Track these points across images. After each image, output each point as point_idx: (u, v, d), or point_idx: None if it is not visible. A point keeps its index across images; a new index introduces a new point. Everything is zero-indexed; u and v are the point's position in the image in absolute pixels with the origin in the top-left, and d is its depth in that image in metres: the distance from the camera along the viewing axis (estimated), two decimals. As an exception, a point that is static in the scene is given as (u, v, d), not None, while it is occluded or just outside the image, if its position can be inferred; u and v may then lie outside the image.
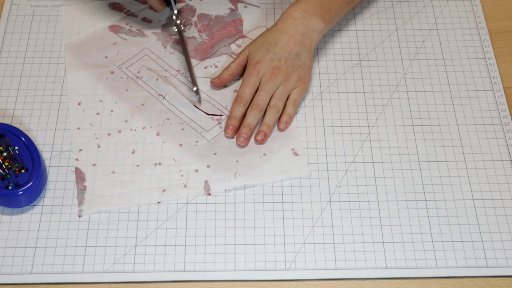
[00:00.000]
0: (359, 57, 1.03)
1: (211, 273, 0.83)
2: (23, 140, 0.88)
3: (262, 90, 0.94)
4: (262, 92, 0.94)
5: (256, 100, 0.94)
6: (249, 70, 0.95)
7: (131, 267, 0.83)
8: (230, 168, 0.90)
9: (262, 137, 0.92)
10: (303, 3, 0.97)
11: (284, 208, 0.88)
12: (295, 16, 0.96)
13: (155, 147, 0.92)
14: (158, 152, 0.92)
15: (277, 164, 0.91)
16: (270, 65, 0.95)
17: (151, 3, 1.00)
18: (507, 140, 0.94)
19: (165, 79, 0.98)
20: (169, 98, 0.97)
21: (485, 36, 1.05)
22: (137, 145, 0.93)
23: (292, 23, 0.96)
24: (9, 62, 1.01)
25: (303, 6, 0.97)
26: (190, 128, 0.94)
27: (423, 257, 0.84)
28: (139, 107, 0.96)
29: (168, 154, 0.92)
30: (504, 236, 0.86)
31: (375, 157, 0.93)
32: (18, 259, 0.84)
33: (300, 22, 0.96)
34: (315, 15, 0.97)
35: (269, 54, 0.95)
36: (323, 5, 0.97)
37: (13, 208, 0.87)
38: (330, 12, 0.98)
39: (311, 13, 0.96)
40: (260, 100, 0.94)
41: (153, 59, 1.01)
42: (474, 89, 0.99)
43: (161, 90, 0.97)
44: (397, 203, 0.89)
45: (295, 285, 0.83)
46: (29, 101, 0.97)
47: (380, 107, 0.97)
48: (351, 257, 0.84)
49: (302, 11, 0.97)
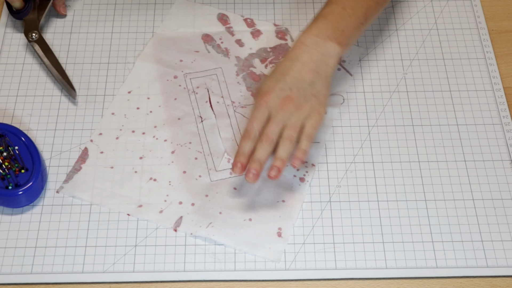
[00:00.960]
0: (359, 57, 1.03)
1: (211, 273, 0.83)
2: (23, 140, 0.88)
3: (272, 122, 0.84)
4: (272, 123, 0.84)
5: (266, 132, 0.84)
6: (257, 101, 0.86)
7: (131, 267, 0.83)
8: (209, 216, 0.86)
9: (276, 172, 0.83)
10: (315, 29, 0.89)
11: (284, 208, 0.88)
12: (308, 43, 0.88)
13: (161, 162, 0.91)
14: (161, 168, 0.90)
15: (253, 236, 0.85)
16: (280, 95, 0.85)
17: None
18: (507, 140, 0.94)
19: (216, 104, 0.96)
20: (205, 124, 0.94)
21: (485, 36, 1.05)
22: (148, 153, 0.92)
23: (304, 50, 0.87)
24: (9, 62, 1.01)
25: (315, 31, 0.88)
26: (203, 161, 0.91)
27: (423, 257, 0.84)
28: (174, 119, 0.95)
29: (168, 176, 0.90)
30: (504, 236, 0.86)
31: (375, 157, 0.93)
32: (18, 259, 0.84)
33: (314, 49, 0.87)
34: (328, 39, 0.88)
35: (279, 84, 0.86)
36: (336, 28, 0.89)
37: (13, 208, 0.87)
38: (344, 35, 0.89)
39: (325, 37, 0.88)
40: (271, 132, 0.84)
41: (219, 80, 0.99)
42: (474, 89, 0.99)
43: (204, 113, 0.95)
44: (397, 203, 0.89)
45: (295, 285, 0.83)
46: (29, 101, 0.97)
47: (380, 107, 0.97)
48: (351, 257, 0.84)
49: (315, 36, 0.88)
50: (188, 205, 0.87)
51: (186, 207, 0.87)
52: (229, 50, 1.02)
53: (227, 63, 1.01)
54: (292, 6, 1.08)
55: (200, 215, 0.87)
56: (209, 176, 0.90)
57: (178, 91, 0.98)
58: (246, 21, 1.06)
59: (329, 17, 0.90)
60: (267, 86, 0.86)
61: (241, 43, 1.03)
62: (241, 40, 1.04)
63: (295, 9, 1.08)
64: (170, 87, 0.98)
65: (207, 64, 1.01)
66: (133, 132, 0.94)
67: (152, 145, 0.93)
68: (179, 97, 0.97)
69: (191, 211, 0.87)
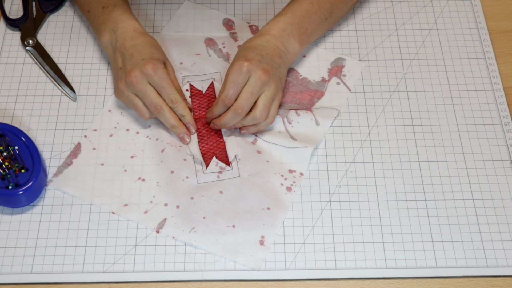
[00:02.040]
0: (359, 57, 1.03)
1: (211, 273, 0.83)
2: (23, 140, 0.88)
3: (250, 92, 0.88)
4: (250, 94, 0.88)
5: (241, 103, 0.88)
6: (237, 66, 0.88)
7: (131, 267, 0.83)
8: (193, 220, 0.86)
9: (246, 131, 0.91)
10: (281, 23, 0.94)
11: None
12: (274, 34, 0.93)
13: (152, 162, 0.91)
14: (151, 168, 0.90)
15: (236, 243, 0.84)
16: (259, 65, 0.88)
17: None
18: (507, 140, 0.94)
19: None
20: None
21: (485, 36, 1.05)
22: (140, 153, 0.92)
23: (271, 39, 0.92)
24: (9, 62, 1.01)
25: (281, 25, 0.94)
26: (192, 162, 0.90)
27: (423, 257, 0.84)
28: None
29: (156, 176, 0.89)
30: (504, 236, 0.86)
31: (375, 157, 0.93)
32: (18, 259, 0.84)
33: (279, 41, 0.93)
34: (292, 36, 0.94)
35: (257, 56, 0.89)
36: (301, 26, 0.95)
37: (13, 208, 0.87)
38: (306, 33, 0.95)
39: (289, 34, 0.94)
40: (246, 104, 0.88)
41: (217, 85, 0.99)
42: (474, 89, 1.00)
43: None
44: (397, 203, 0.89)
45: (295, 285, 0.83)
46: (29, 101, 0.97)
47: (380, 107, 0.97)
48: (351, 257, 0.84)
49: (281, 30, 0.93)
50: (173, 207, 0.87)
51: (171, 209, 0.87)
52: (230, 55, 1.02)
53: (226, 68, 1.00)
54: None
55: (184, 218, 0.86)
56: (196, 178, 0.89)
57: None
58: (251, 27, 1.06)
59: (297, 12, 0.96)
60: (245, 55, 0.90)
61: None
62: None
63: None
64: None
65: (206, 68, 1.00)
66: (127, 130, 0.94)
67: (144, 145, 0.93)
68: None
69: (175, 213, 0.86)
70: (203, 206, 0.87)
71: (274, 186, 0.89)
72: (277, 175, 0.90)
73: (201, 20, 1.06)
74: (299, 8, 0.96)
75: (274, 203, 0.88)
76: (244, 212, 0.87)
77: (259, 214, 0.87)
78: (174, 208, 0.87)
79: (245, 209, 0.87)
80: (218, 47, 1.03)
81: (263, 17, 1.07)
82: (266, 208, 0.87)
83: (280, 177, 0.90)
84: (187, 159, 0.91)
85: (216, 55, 1.02)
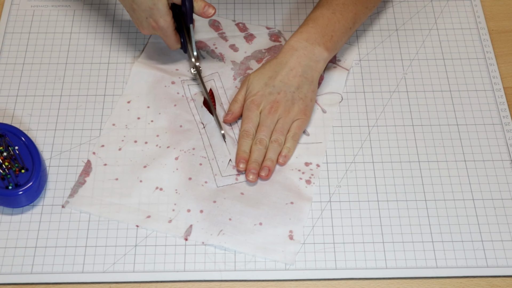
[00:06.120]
0: (359, 57, 1.03)
1: (211, 273, 0.83)
2: (23, 140, 0.88)
3: (263, 126, 0.91)
4: (263, 127, 0.91)
5: (259, 136, 0.91)
6: (248, 104, 0.93)
7: (131, 267, 0.83)
8: (219, 223, 0.86)
9: (267, 172, 0.89)
10: (305, 33, 0.94)
11: (284, 208, 0.88)
12: (297, 47, 0.93)
13: (166, 169, 0.90)
14: (166, 176, 0.90)
15: (265, 241, 0.85)
16: (269, 99, 0.92)
17: (167, 41, 0.96)
18: (507, 140, 0.94)
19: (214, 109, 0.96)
20: (208, 129, 0.94)
21: (485, 36, 1.05)
22: (152, 161, 0.91)
23: (293, 55, 0.93)
24: (9, 62, 1.01)
25: (305, 35, 0.94)
26: (208, 166, 0.91)
27: (423, 257, 0.84)
28: (176, 127, 0.94)
29: (173, 183, 0.89)
30: (504, 236, 0.86)
31: (375, 157, 0.93)
32: (18, 259, 0.84)
33: (302, 53, 0.93)
34: (317, 44, 0.93)
35: (267, 88, 0.92)
36: (325, 33, 0.94)
37: (13, 208, 0.87)
38: (332, 40, 0.94)
39: (313, 42, 0.93)
40: (263, 136, 0.91)
41: (217, 86, 0.99)
42: (474, 89, 1.00)
43: (204, 118, 0.95)
44: (397, 203, 0.89)
45: (295, 285, 0.83)
46: (29, 101, 0.97)
47: (380, 107, 0.98)
48: (351, 257, 0.84)
49: (304, 41, 0.93)
50: (197, 212, 0.87)
51: (194, 214, 0.87)
52: (224, 55, 1.02)
53: (223, 67, 1.01)
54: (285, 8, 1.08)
55: (210, 222, 0.86)
56: (215, 182, 0.89)
57: (177, 98, 0.97)
58: (238, 25, 1.06)
59: (319, 21, 0.95)
60: (256, 89, 0.93)
61: (235, 48, 1.03)
62: (235, 45, 1.03)
63: (287, 14, 1.08)
64: (168, 93, 0.97)
65: (203, 70, 1.00)
66: (135, 142, 0.93)
67: (155, 153, 0.92)
68: (179, 103, 0.96)
69: (200, 218, 0.86)
70: (227, 208, 0.87)
71: (294, 182, 0.90)
72: (294, 171, 0.90)
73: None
74: (321, 18, 0.95)
75: (297, 197, 0.88)
76: (269, 209, 0.87)
77: (284, 209, 0.87)
78: (198, 213, 0.87)
79: (269, 205, 0.87)
80: (210, 48, 1.03)
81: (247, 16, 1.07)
82: (290, 203, 0.88)
83: (298, 171, 0.90)
84: (203, 163, 0.91)
85: (210, 56, 1.02)
